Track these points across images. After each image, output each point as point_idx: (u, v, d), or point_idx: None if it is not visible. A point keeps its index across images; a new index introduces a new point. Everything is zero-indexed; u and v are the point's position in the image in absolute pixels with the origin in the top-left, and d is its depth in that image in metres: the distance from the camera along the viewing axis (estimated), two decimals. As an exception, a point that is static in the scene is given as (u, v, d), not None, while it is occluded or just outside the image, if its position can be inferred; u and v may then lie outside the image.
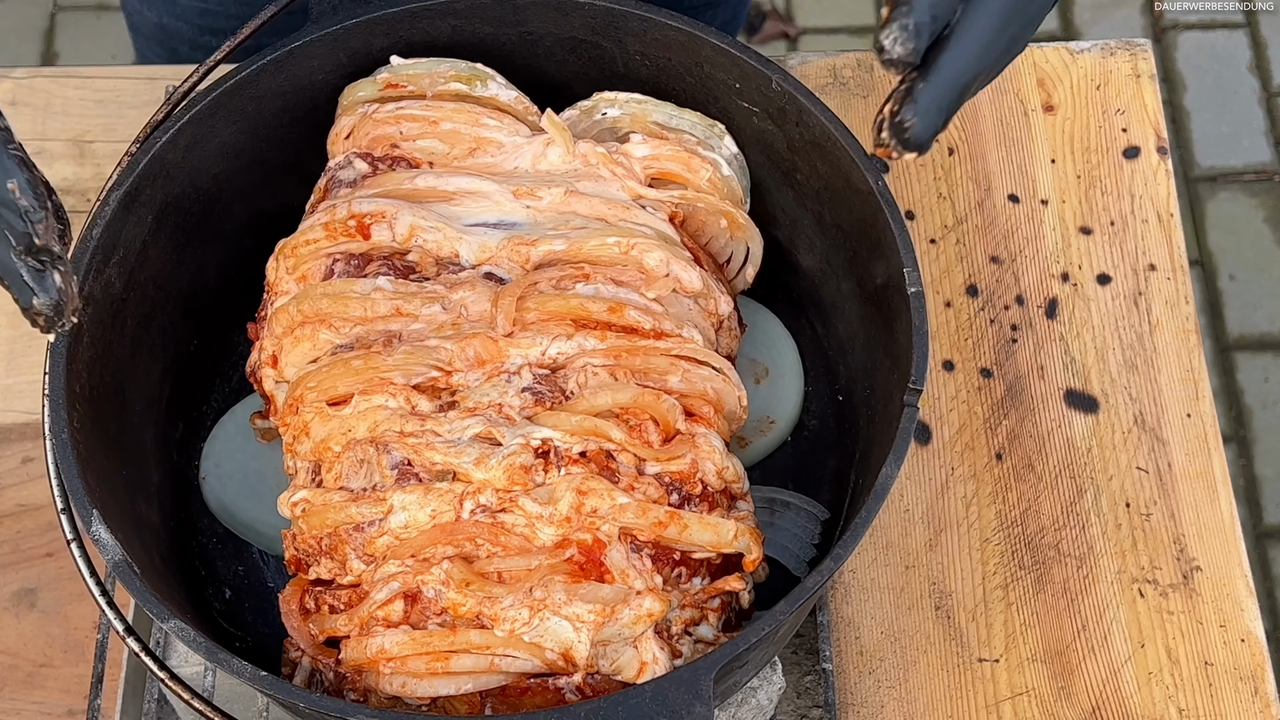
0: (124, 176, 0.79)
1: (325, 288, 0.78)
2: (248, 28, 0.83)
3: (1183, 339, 1.03)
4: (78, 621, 0.95)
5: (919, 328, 0.75)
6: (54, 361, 0.74)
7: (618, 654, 0.71)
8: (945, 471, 0.99)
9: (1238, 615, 0.94)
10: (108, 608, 0.72)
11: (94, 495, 0.72)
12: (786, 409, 0.93)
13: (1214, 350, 2.00)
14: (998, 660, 0.93)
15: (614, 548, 0.72)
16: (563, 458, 0.73)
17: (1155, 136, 1.10)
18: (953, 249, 1.06)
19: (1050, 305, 1.04)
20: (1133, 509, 0.97)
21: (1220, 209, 2.10)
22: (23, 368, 1.03)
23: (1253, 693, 0.92)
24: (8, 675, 0.93)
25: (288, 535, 0.78)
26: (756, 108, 0.84)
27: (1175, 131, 2.15)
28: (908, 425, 0.73)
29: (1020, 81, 1.12)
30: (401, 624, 0.71)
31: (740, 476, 0.78)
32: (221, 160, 0.85)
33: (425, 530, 0.73)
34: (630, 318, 0.77)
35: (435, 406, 0.75)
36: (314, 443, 0.77)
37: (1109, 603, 0.95)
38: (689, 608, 0.75)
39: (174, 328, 0.89)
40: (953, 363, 1.02)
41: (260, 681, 0.67)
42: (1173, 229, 1.07)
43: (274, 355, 0.80)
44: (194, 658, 0.88)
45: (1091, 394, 1.01)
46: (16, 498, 0.98)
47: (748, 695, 0.86)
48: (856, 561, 0.96)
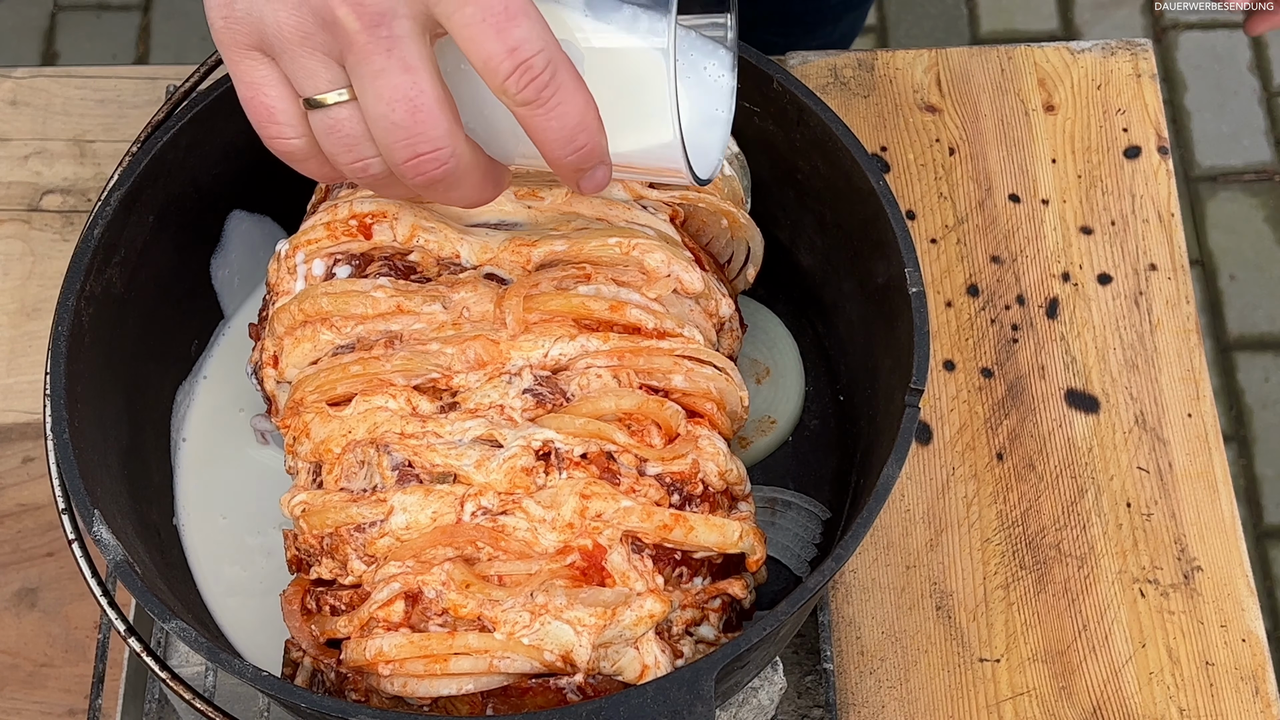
0: (125, 176, 0.79)
1: (326, 287, 0.78)
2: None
3: (1183, 339, 1.03)
4: (78, 621, 0.95)
5: (920, 327, 0.75)
6: (54, 361, 0.74)
7: (619, 655, 0.70)
8: (946, 471, 0.99)
9: (1238, 615, 0.94)
10: (109, 608, 0.72)
11: (95, 495, 0.72)
12: (788, 409, 0.93)
13: (1214, 350, 2.00)
14: (999, 660, 0.93)
15: (615, 551, 0.72)
16: (564, 460, 0.73)
17: (1156, 136, 1.10)
18: (953, 249, 1.06)
19: (1051, 305, 1.04)
20: (1133, 509, 0.97)
21: (1220, 209, 2.10)
22: (23, 368, 1.03)
23: (1254, 693, 0.92)
24: (8, 675, 0.93)
25: (289, 535, 0.78)
26: (757, 108, 0.84)
27: (1175, 131, 2.15)
28: (909, 425, 0.73)
29: (1021, 81, 1.12)
30: (402, 625, 0.71)
31: (742, 478, 0.78)
32: (222, 160, 0.85)
33: (426, 532, 0.73)
34: (632, 316, 0.77)
35: (436, 408, 0.75)
36: (314, 444, 0.77)
37: (1110, 603, 0.95)
38: (690, 608, 0.75)
39: (175, 328, 0.89)
40: (954, 362, 1.02)
41: (261, 682, 0.67)
42: (1173, 229, 1.07)
43: (275, 355, 0.80)
44: (195, 658, 0.88)
45: (1092, 394, 1.01)
46: (17, 498, 0.98)
47: (749, 695, 0.86)
48: (858, 561, 0.96)
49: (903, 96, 1.11)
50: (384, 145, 0.64)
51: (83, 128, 1.11)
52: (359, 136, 0.64)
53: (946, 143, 1.09)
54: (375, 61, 0.62)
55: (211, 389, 0.92)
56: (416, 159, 0.64)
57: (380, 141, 0.64)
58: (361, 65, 0.62)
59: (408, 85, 0.62)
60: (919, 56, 1.12)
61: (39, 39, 2.21)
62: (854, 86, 1.11)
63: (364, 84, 0.62)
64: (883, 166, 1.09)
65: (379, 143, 0.64)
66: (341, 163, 0.66)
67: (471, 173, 0.66)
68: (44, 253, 1.07)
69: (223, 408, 0.92)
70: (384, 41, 0.61)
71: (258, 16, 0.63)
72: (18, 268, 1.06)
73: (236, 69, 0.65)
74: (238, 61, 0.65)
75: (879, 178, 0.79)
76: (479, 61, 0.61)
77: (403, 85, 0.62)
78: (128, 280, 0.80)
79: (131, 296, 0.81)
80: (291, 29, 0.62)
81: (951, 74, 1.12)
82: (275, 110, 0.65)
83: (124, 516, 0.77)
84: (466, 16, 0.60)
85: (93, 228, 0.77)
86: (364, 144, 0.65)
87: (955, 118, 1.10)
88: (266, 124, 0.65)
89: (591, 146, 0.64)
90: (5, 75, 1.13)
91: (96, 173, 1.09)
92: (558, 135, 0.63)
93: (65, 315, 0.75)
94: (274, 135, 0.66)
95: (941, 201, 1.07)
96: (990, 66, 1.12)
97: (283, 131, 0.66)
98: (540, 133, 0.63)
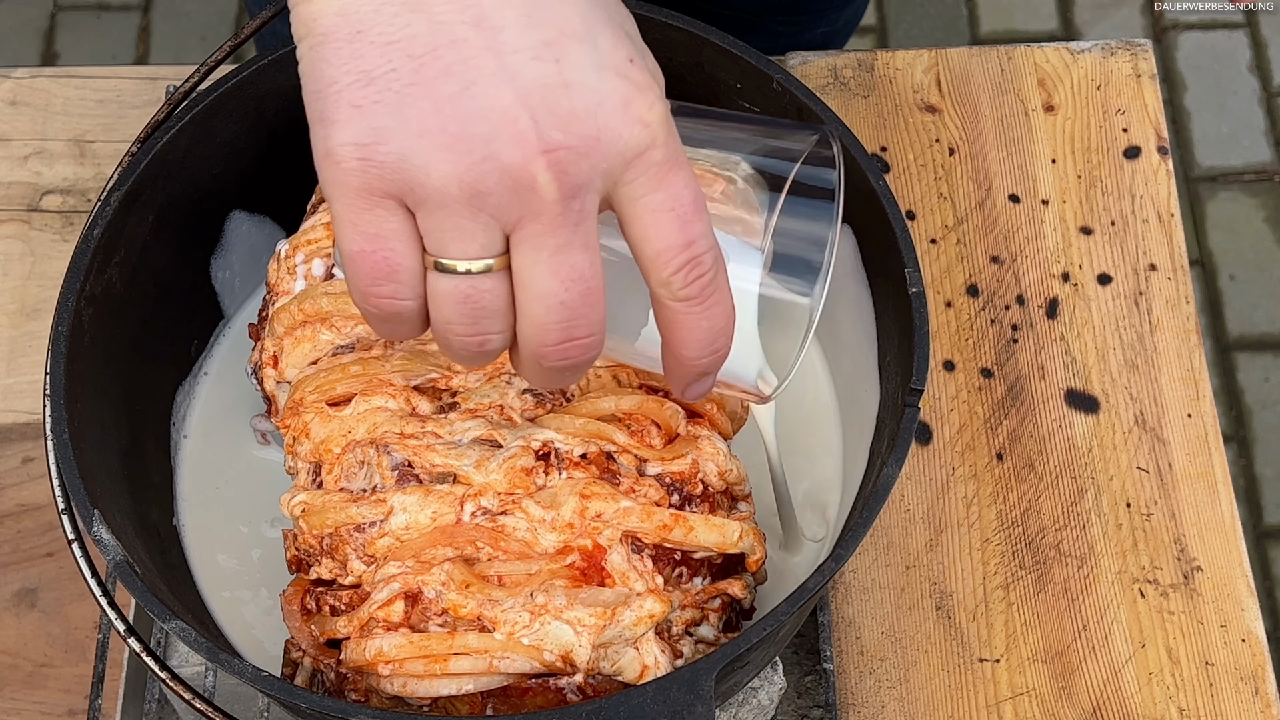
0: (125, 176, 0.79)
1: (326, 287, 0.78)
2: (248, 27, 0.83)
3: (1183, 339, 1.03)
4: (78, 621, 0.95)
5: (920, 328, 0.75)
6: (54, 361, 0.74)
7: (619, 655, 0.71)
8: (946, 471, 0.99)
9: (1238, 615, 0.94)
10: (109, 608, 0.72)
11: (94, 495, 0.72)
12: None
13: (1214, 350, 2.00)
14: (998, 660, 0.93)
15: (615, 551, 0.72)
16: (563, 460, 0.73)
17: (1156, 136, 1.10)
18: (953, 249, 1.06)
19: (1051, 305, 1.04)
20: (1133, 509, 0.97)
21: (1220, 209, 2.10)
22: (23, 368, 1.03)
23: (1253, 693, 0.92)
24: (8, 675, 0.93)
25: (289, 535, 0.78)
26: (758, 108, 0.84)
27: (1175, 131, 2.15)
28: (909, 425, 0.73)
29: (1021, 81, 1.12)
30: (402, 625, 0.71)
31: (743, 478, 0.78)
32: (222, 160, 0.85)
33: (426, 532, 0.73)
34: (631, 318, 0.77)
35: (436, 408, 0.76)
36: (314, 444, 0.77)
37: (1110, 603, 0.95)
38: (690, 608, 0.75)
39: (175, 328, 0.89)
40: (953, 363, 1.02)
41: (261, 682, 0.67)
42: (1173, 229, 1.07)
43: (275, 355, 0.80)
44: (195, 658, 0.88)
45: (1092, 394, 1.01)
46: (17, 498, 0.98)
47: (749, 695, 0.86)
48: (857, 562, 0.96)
49: (902, 97, 1.11)
50: (538, 324, 0.57)
51: (83, 128, 1.11)
52: (496, 311, 0.57)
53: (946, 143, 1.09)
54: (561, 235, 0.55)
55: (212, 389, 0.92)
56: (569, 343, 0.58)
57: (535, 320, 0.57)
58: (545, 238, 0.55)
59: (586, 265, 0.56)
60: (919, 57, 1.13)
61: (39, 39, 2.21)
62: (854, 87, 1.11)
63: (539, 257, 0.55)
64: (883, 167, 1.09)
65: (533, 321, 0.57)
66: (456, 332, 0.58)
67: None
68: (44, 253, 1.07)
69: (223, 408, 0.92)
70: (575, 215, 0.55)
71: (413, 165, 0.54)
72: (18, 268, 1.06)
73: (358, 217, 0.55)
74: (363, 210, 0.55)
75: (879, 178, 0.79)
76: (652, 250, 0.57)
77: (582, 265, 0.56)
78: (128, 280, 0.80)
79: (131, 296, 0.81)
80: (461, 185, 0.54)
81: (951, 74, 1.12)
82: (399, 270, 0.56)
83: (124, 516, 0.76)
84: (655, 203, 0.56)
85: (93, 228, 0.77)
86: (497, 319, 0.58)
87: (955, 118, 1.10)
88: (382, 282, 0.56)
89: (724, 353, 0.61)
90: (5, 75, 1.13)
91: (96, 173, 1.09)
92: (704, 336, 0.60)
93: (65, 315, 0.75)
94: (386, 295, 0.57)
95: (941, 202, 1.07)
96: (990, 67, 1.12)
97: (399, 293, 0.57)
98: (688, 331, 0.59)
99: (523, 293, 0.57)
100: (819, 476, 0.90)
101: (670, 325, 0.60)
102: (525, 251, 0.55)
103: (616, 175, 0.56)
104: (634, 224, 0.57)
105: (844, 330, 0.90)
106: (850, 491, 0.87)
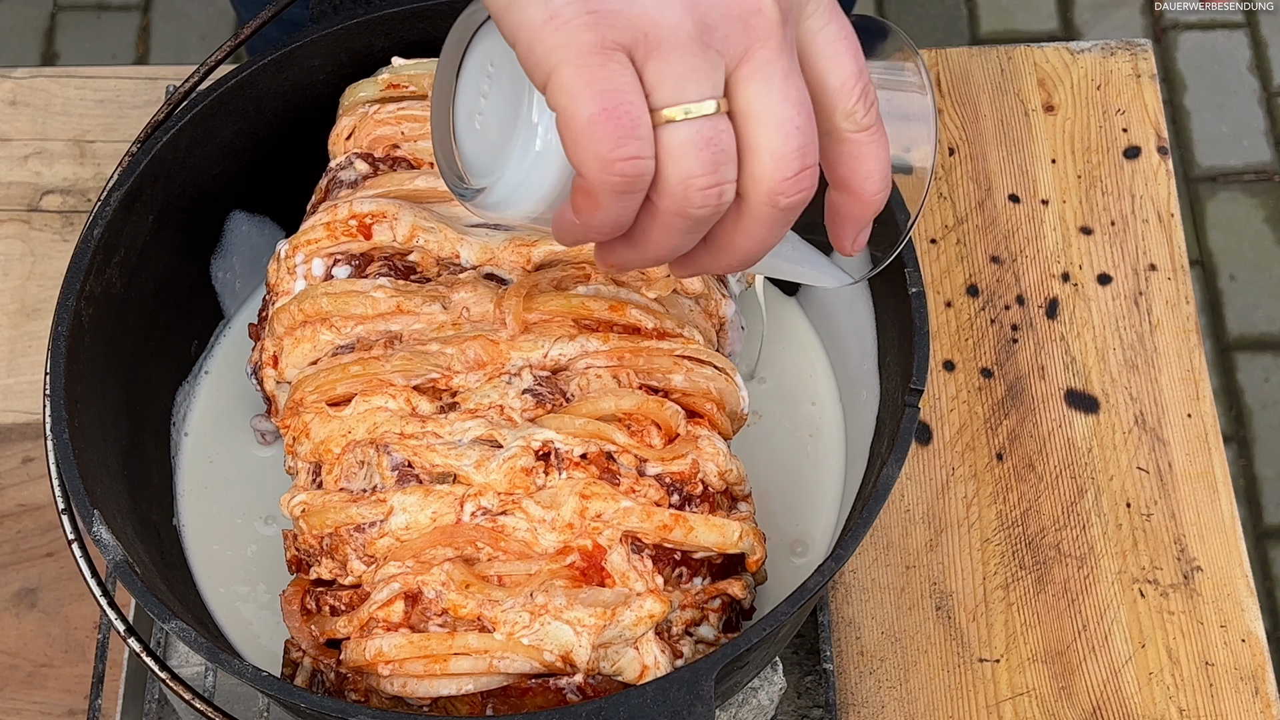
0: (125, 176, 0.79)
1: (326, 287, 0.78)
2: (248, 28, 0.83)
3: (1183, 339, 1.03)
4: (78, 621, 0.95)
5: (920, 328, 0.75)
6: (54, 361, 0.74)
7: (619, 655, 0.70)
8: (946, 471, 0.99)
9: (1238, 615, 0.94)
10: (109, 608, 0.72)
11: (94, 495, 0.72)
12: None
13: (1214, 350, 2.00)
14: (998, 660, 0.93)
15: (614, 551, 0.72)
16: (563, 460, 0.73)
17: (1156, 136, 1.10)
18: (953, 249, 1.06)
19: (1051, 305, 1.04)
20: (1133, 509, 0.97)
21: (1220, 209, 2.10)
22: (23, 368, 1.03)
23: (1253, 693, 0.92)
24: (8, 675, 0.93)
25: (289, 535, 0.78)
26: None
27: (1175, 131, 2.15)
28: (909, 425, 0.73)
29: (1021, 81, 1.12)
30: (402, 625, 0.71)
31: (743, 478, 0.78)
32: (222, 160, 0.85)
33: (426, 532, 0.73)
34: (632, 316, 0.77)
35: (436, 408, 0.75)
36: (314, 444, 0.77)
37: (1110, 603, 0.95)
38: (690, 608, 0.75)
39: (175, 328, 0.89)
40: (953, 363, 1.02)
41: (261, 682, 0.67)
42: (1173, 229, 1.07)
43: (275, 355, 0.80)
44: (195, 658, 0.88)
45: (1092, 394, 1.01)
46: (17, 498, 0.98)
47: (749, 695, 0.86)
48: (857, 562, 0.96)
49: (902, 97, 1.11)
50: (778, 155, 0.55)
51: (82, 128, 1.11)
52: (732, 154, 0.55)
53: (946, 143, 1.09)
54: (786, 59, 0.54)
55: (212, 389, 0.92)
56: (805, 171, 0.56)
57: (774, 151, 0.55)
58: (774, 64, 0.54)
59: (805, 91, 0.56)
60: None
61: (39, 39, 2.21)
62: (854, 87, 1.11)
63: (771, 85, 0.54)
64: (882, 167, 1.08)
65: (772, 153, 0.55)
66: (698, 185, 0.55)
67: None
68: (44, 253, 1.07)
69: (223, 408, 0.92)
70: (790, 40, 0.55)
71: (645, 9, 0.53)
72: (18, 268, 1.06)
73: (593, 75, 0.53)
74: (598, 65, 0.53)
75: (879, 178, 0.78)
76: (837, 80, 0.57)
77: (804, 90, 0.55)
78: (128, 280, 0.80)
79: (131, 296, 0.81)
80: (695, 21, 0.53)
81: (951, 74, 1.12)
82: (640, 124, 0.54)
83: (124, 516, 0.77)
84: (834, 33, 0.57)
85: (93, 228, 0.77)
86: (732, 164, 0.56)
87: (955, 118, 1.10)
88: (626, 140, 0.53)
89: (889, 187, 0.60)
90: (5, 75, 1.13)
91: (96, 173, 1.09)
92: (884, 166, 0.59)
93: (65, 315, 0.75)
94: (630, 154, 0.54)
95: (941, 202, 1.07)
96: (990, 66, 1.12)
97: (641, 150, 0.54)
98: (872, 162, 0.59)
99: (757, 128, 0.55)
100: (819, 477, 0.90)
101: (853, 161, 0.59)
102: (756, 82, 0.55)
103: (799, 9, 0.56)
104: (819, 56, 0.57)
105: (844, 330, 0.90)
106: (850, 491, 0.87)
